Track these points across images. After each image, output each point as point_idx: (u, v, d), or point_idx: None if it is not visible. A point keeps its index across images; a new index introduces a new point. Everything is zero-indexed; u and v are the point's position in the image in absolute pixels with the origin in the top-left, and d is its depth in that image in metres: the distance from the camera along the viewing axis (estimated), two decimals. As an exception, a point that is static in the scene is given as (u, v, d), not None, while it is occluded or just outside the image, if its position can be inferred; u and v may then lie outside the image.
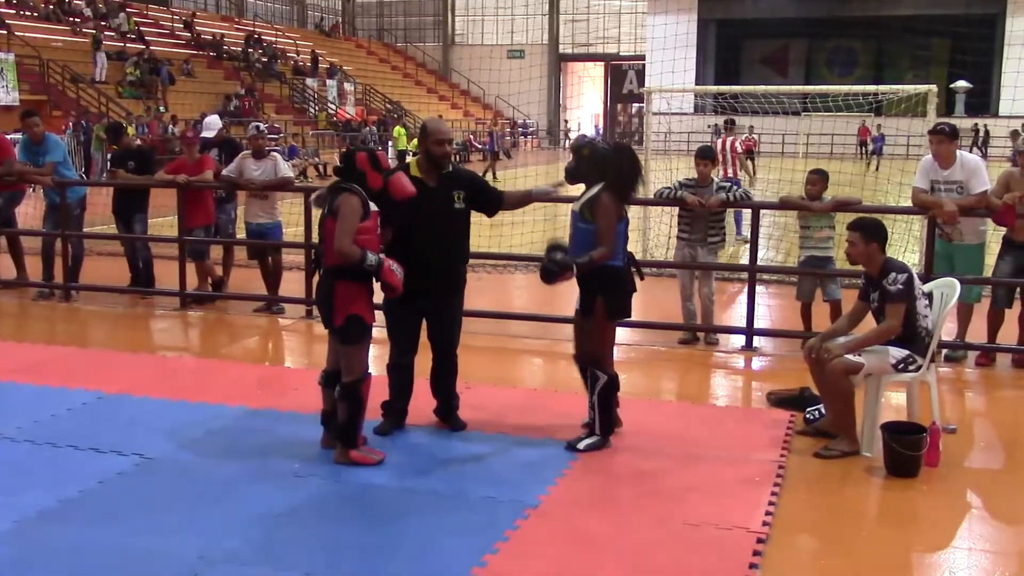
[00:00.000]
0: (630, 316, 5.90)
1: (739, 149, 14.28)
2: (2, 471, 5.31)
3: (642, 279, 6.00)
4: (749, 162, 29.68)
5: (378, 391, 5.77)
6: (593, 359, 5.74)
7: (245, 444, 5.74)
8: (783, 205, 8.43)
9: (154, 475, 5.30)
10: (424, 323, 5.92)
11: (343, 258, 5.18)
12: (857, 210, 7.88)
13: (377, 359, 6.11)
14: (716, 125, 38.32)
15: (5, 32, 28.54)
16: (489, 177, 24.44)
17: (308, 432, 5.80)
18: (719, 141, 14.28)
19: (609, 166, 5.67)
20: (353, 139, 36.78)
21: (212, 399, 6.31)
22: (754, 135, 31.46)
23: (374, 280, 5.34)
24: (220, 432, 5.81)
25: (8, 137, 11.84)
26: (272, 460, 5.51)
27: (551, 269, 5.51)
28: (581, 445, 5.66)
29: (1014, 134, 28.25)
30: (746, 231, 13.00)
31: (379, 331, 5.76)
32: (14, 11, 31.44)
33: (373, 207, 5.34)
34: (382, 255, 5.29)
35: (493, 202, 6.03)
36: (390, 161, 5.74)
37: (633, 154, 5.88)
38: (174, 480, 5.24)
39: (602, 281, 5.64)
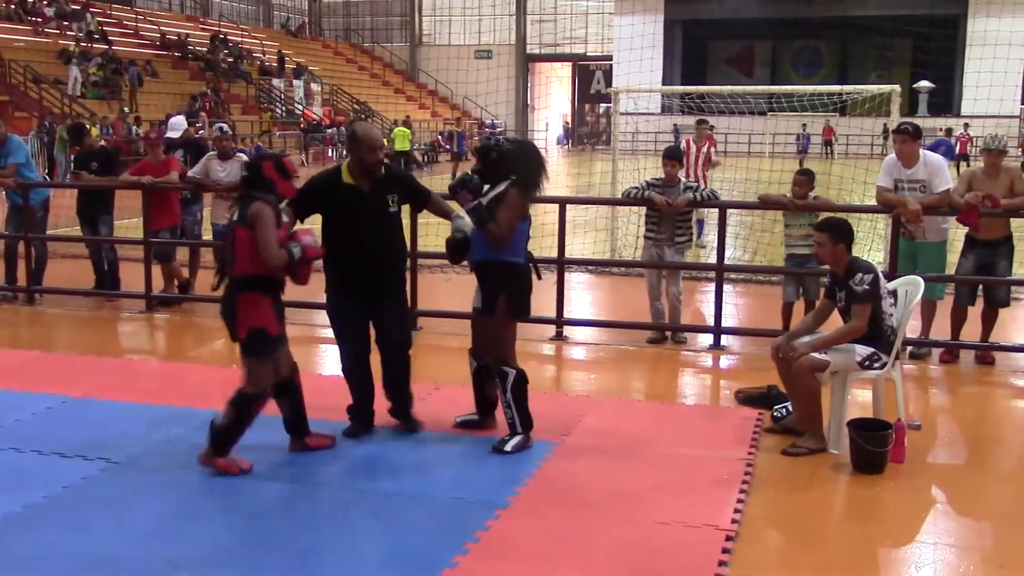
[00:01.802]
0: (530, 315, 5.90)
1: (713, 155, 13.79)
2: (-35, 477, 5.24)
3: (539, 278, 6.00)
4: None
5: (340, 394, 5.75)
6: (498, 357, 5.71)
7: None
8: (763, 204, 8.48)
9: (120, 480, 5.24)
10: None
11: (278, 265, 5.08)
12: (828, 209, 7.95)
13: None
14: (676, 125, 38.68)
15: (-35, 32, 28.19)
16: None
17: (275, 436, 5.76)
18: (685, 142, 13.93)
19: (516, 164, 5.66)
20: (317, 139, 36.65)
21: (179, 402, 6.26)
22: (712, 131, 31.72)
23: (294, 270, 5.22)
24: (187, 436, 5.76)
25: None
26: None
27: (457, 242, 5.69)
28: (508, 447, 5.61)
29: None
30: (707, 238, 13.06)
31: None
32: (-25, 11, 31.05)
33: (285, 217, 5.32)
34: (296, 236, 5.22)
35: (420, 199, 6.09)
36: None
37: (538, 151, 5.94)
38: (140, 485, 5.19)
39: (504, 280, 5.65)
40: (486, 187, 5.63)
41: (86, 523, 4.72)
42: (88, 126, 19.21)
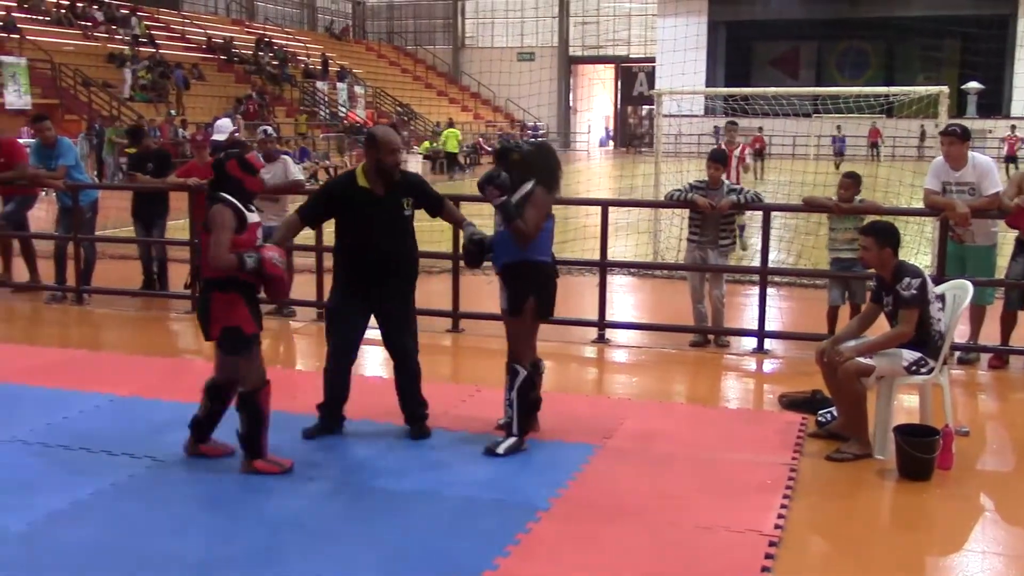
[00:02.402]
0: (554, 315, 5.90)
1: (747, 158, 13.71)
2: (16, 473, 5.33)
3: (557, 276, 5.94)
4: (758, 163, 29.74)
5: (383, 395, 5.77)
6: (513, 354, 5.73)
7: (256, 447, 5.74)
8: (808, 207, 8.42)
9: (166, 478, 5.31)
10: (370, 330, 5.90)
11: (222, 270, 5.09)
12: (875, 212, 7.86)
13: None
14: (717, 127, 38.40)
15: (18, 36, 28.67)
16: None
17: (317, 439, 5.83)
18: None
19: (536, 165, 5.68)
20: (360, 141, 36.87)
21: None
22: (761, 135, 31.49)
23: (263, 283, 5.25)
24: (232, 435, 5.80)
25: (21, 141, 11.90)
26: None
27: (473, 250, 5.73)
28: (500, 449, 5.59)
29: None
30: (749, 241, 12.92)
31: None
32: (26, 15, 31.58)
33: (254, 218, 5.29)
34: (261, 249, 5.19)
35: (434, 204, 6.01)
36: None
37: (554, 151, 5.97)
38: (185, 483, 5.26)
39: (534, 280, 5.66)
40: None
41: (133, 520, 4.78)
42: (144, 128, 19.52)
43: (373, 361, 7.94)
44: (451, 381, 7.39)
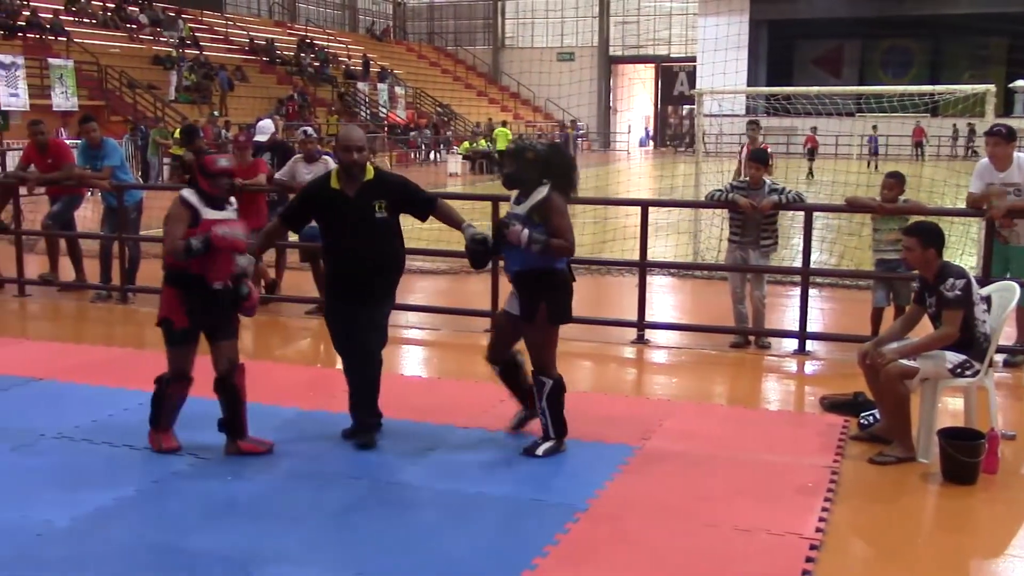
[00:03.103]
0: (571, 320, 5.79)
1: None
2: (61, 469, 5.42)
3: (574, 280, 5.84)
4: (811, 162, 29.51)
5: (422, 394, 5.79)
6: (538, 365, 5.62)
7: (297, 445, 5.80)
8: (850, 207, 8.35)
9: (208, 475, 5.37)
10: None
11: (173, 255, 5.34)
12: (919, 212, 7.76)
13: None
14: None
15: (65, 39, 29.13)
16: None
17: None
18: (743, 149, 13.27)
19: (551, 166, 5.59)
20: (401, 142, 37.03)
21: (265, 400, 6.36)
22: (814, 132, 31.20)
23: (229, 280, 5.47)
24: (273, 433, 5.87)
25: (67, 142, 12.09)
26: (323, 461, 5.56)
27: (478, 251, 5.61)
28: (539, 451, 5.56)
29: None
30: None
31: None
32: (73, 18, 32.08)
33: (213, 215, 5.40)
34: (214, 227, 5.33)
35: (420, 207, 5.84)
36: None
37: (568, 153, 5.86)
38: (227, 481, 5.31)
39: (550, 286, 5.57)
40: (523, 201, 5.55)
41: (175, 517, 4.84)
42: (177, 131, 19.74)
43: (412, 360, 7.98)
44: (490, 381, 7.38)
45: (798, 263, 8.70)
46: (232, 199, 5.71)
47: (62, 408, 6.41)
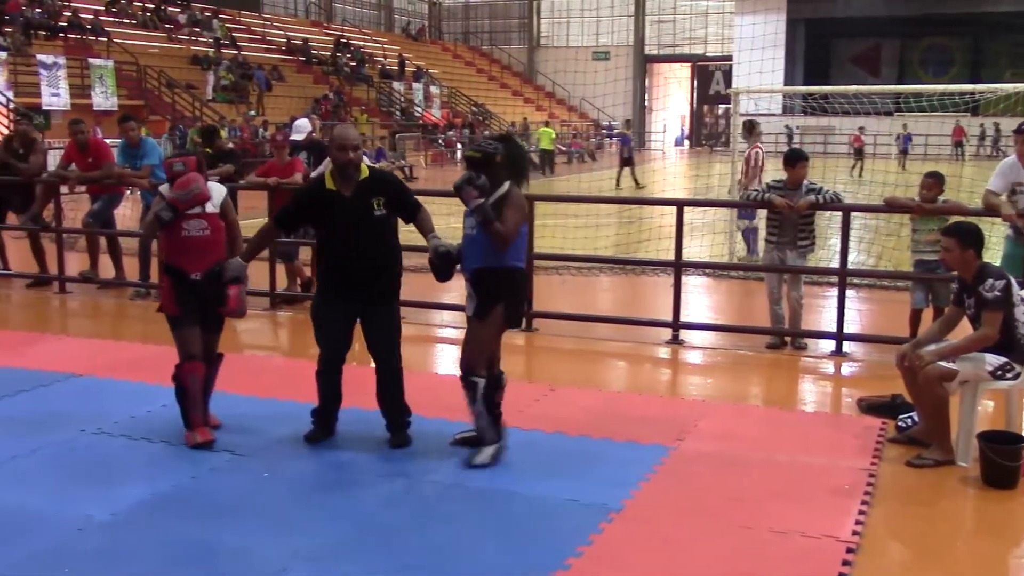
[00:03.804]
0: (521, 324, 5.70)
1: (756, 161, 12.34)
2: (100, 464, 5.49)
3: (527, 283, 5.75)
4: (858, 162, 29.28)
5: (455, 393, 5.80)
6: (468, 364, 5.42)
7: (333, 442, 5.83)
8: (889, 207, 8.27)
9: (244, 471, 5.41)
10: (356, 332, 5.83)
11: (147, 233, 6.20)
12: (958, 213, 7.67)
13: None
14: (788, 126, 37.84)
15: (105, 39, 29.49)
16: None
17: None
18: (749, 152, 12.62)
19: (511, 162, 5.44)
20: (436, 141, 37.13)
21: (301, 398, 6.41)
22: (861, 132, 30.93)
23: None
24: (307, 430, 5.90)
25: (107, 141, 12.24)
26: (360, 459, 5.60)
27: (440, 264, 5.47)
28: (480, 460, 5.40)
29: None
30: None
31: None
32: (113, 19, 32.46)
33: (210, 208, 5.78)
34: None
35: (408, 210, 5.79)
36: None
37: (519, 145, 5.78)
38: (263, 477, 5.35)
39: (505, 287, 5.39)
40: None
41: (212, 513, 4.89)
42: (219, 128, 19.93)
43: (447, 359, 8.00)
44: (524, 380, 7.40)
45: (835, 264, 8.62)
46: (216, 194, 5.90)
47: (101, 404, 6.50)
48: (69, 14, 30.45)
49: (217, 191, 5.90)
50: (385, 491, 5.16)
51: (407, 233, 5.87)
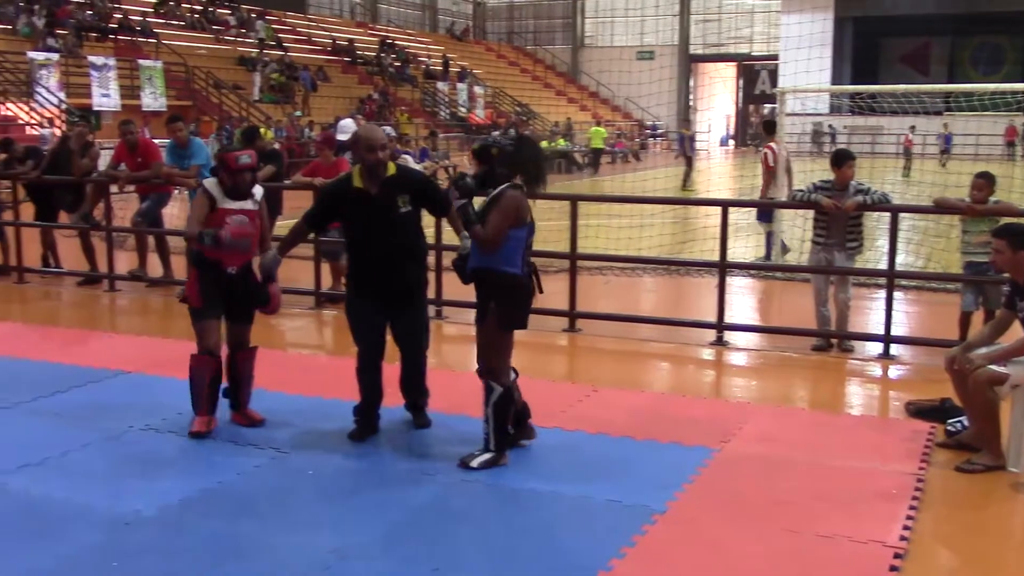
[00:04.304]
0: (525, 327, 5.51)
1: (773, 161, 12.29)
2: (148, 460, 5.56)
3: (541, 292, 5.56)
4: (906, 162, 28.93)
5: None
6: (487, 369, 5.41)
7: (376, 440, 5.87)
8: (938, 208, 8.16)
9: (288, 469, 5.46)
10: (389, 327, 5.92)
11: (187, 238, 6.06)
12: (1010, 214, 7.54)
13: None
14: (831, 126, 37.26)
15: (154, 41, 29.88)
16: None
17: (439, 431, 5.92)
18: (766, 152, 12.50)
19: (516, 163, 5.35)
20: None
21: (345, 396, 6.45)
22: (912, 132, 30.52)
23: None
24: (350, 428, 5.94)
25: (156, 141, 12.40)
26: (402, 457, 5.63)
27: (460, 265, 5.48)
28: (475, 463, 5.34)
29: None
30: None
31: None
32: (162, 21, 32.89)
33: (229, 204, 5.85)
34: (224, 227, 5.79)
35: (438, 206, 5.89)
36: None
37: (535, 146, 5.67)
38: (306, 475, 5.39)
39: (497, 288, 5.33)
40: (490, 191, 5.37)
41: (256, 509, 4.94)
42: (263, 129, 20.12)
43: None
44: (567, 380, 7.39)
45: (883, 265, 8.51)
46: (257, 191, 6.01)
47: (149, 400, 6.58)
48: (119, 16, 30.91)
49: (257, 189, 6.06)
50: (427, 490, 5.17)
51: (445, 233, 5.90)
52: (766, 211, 12.06)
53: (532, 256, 5.54)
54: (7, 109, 23.75)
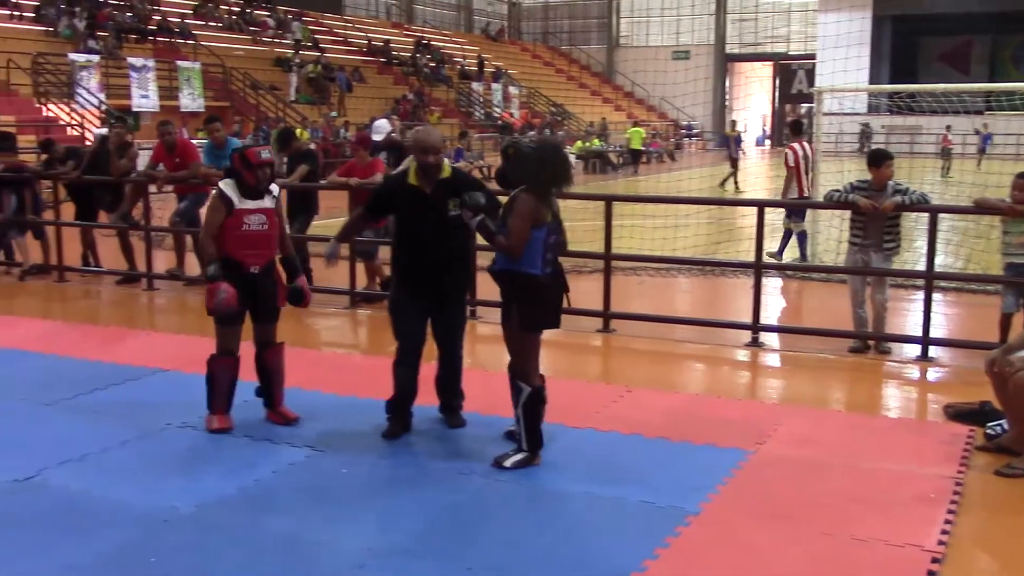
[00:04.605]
0: (552, 327, 5.49)
1: (794, 161, 12.16)
2: (186, 458, 5.63)
3: (567, 292, 5.55)
4: (945, 162, 28.62)
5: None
6: (515, 370, 5.41)
7: (409, 439, 5.89)
8: (978, 209, 8.06)
9: (323, 467, 5.49)
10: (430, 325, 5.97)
11: (198, 249, 5.83)
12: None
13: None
14: (864, 125, 36.83)
15: (193, 42, 30.18)
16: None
17: (474, 430, 5.93)
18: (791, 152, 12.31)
19: (532, 166, 5.34)
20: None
21: (379, 395, 6.48)
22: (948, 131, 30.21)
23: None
24: (385, 427, 5.97)
25: (194, 142, 12.53)
26: (435, 457, 5.65)
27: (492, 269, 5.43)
28: (508, 463, 5.35)
29: None
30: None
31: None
32: (201, 22, 33.21)
33: (247, 204, 5.87)
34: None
35: (488, 210, 5.78)
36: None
37: (556, 149, 5.59)
38: (342, 473, 5.42)
39: (518, 290, 5.32)
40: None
41: (292, 507, 4.98)
42: (299, 130, 20.26)
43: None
44: (601, 381, 7.37)
45: (921, 266, 8.42)
46: (274, 188, 6.04)
47: (186, 398, 6.62)
48: (158, 18, 31.25)
49: (274, 187, 6.10)
50: (460, 489, 5.18)
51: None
52: (798, 210, 11.99)
53: (566, 256, 5.52)
54: (48, 110, 24.08)
